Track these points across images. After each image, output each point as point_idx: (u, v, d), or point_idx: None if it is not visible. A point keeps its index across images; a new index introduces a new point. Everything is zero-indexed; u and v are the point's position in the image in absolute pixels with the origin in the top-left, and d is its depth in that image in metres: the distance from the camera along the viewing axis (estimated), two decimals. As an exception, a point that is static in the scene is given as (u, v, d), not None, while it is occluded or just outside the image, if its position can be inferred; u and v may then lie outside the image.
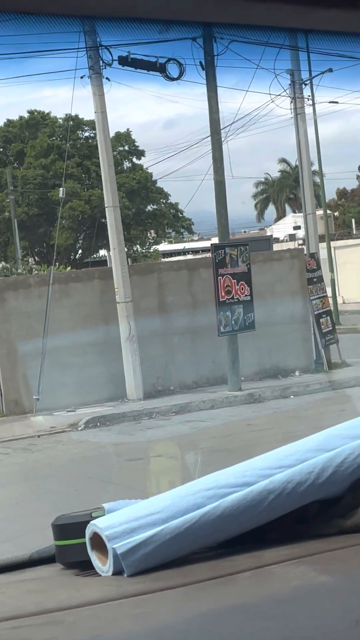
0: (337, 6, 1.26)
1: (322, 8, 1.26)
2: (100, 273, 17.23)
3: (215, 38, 14.67)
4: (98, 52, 15.15)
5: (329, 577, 1.56)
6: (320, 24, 1.36)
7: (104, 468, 11.36)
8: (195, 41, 15.04)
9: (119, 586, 1.59)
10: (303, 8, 1.28)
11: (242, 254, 16.24)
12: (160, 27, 1.33)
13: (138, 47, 15.30)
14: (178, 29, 1.35)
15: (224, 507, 1.75)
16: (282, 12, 1.29)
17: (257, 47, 1.83)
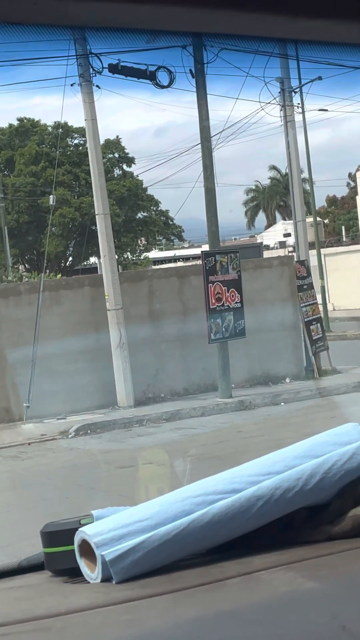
0: (321, 17, 1.27)
1: (305, 19, 1.27)
2: (90, 280, 17.23)
3: (205, 46, 14.72)
4: (88, 60, 15.18)
5: (317, 584, 1.57)
6: (306, 34, 1.37)
7: (95, 476, 11.34)
8: (185, 49, 15.09)
9: (107, 593, 1.59)
10: (288, 18, 1.29)
11: (232, 261, 16.27)
12: (148, 37, 1.34)
13: (128, 54, 15.34)
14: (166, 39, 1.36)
15: (213, 513, 1.75)
16: (268, 22, 1.30)
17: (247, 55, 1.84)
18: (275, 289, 18.09)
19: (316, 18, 1.29)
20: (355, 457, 1.87)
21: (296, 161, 19.28)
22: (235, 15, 1.27)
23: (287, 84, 18.84)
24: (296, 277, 18.12)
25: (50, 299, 16.01)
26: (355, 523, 1.83)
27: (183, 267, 21.89)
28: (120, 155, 37.18)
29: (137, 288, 16.93)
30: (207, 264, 15.85)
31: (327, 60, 14.45)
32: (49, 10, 1.15)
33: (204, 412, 15.18)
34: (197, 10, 1.24)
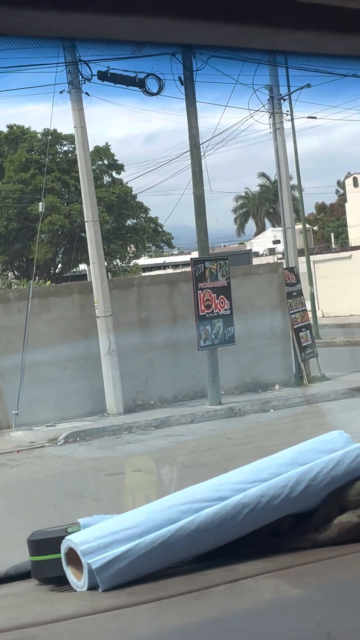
0: (305, 29, 1.29)
1: (290, 30, 1.29)
2: (80, 287, 17.22)
3: (195, 54, 14.74)
4: (77, 67, 15.20)
5: (302, 591, 1.58)
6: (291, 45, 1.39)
7: (84, 483, 11.32)
8: (174, 57, 15.12)
9: (93, 601, 1.59)
10: (273, 30, 1.30)
11: (221, 268, 16.29)
12: (133, 48, 1.35)
13: (118, 62, 15.36)
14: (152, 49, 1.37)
15: (199, 521, 1.76)
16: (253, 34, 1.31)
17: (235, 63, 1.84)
18: (264, 296, 18.12)
19: (301, 30, 1.31)
20: (341, 465, 1.88)
21: (285, 168, 19.34)
22: (221, 26, 1.28)
23: (276, 91, 18.91)
24: (285, 284, 18.16)
25: (39, 306, 15.99)
26: (341, 530, 1.84)
27: (172, 274, 21.91)
28: (109, 162, 37.20)
29: (127, 295, 16.94)
30: (196, 271, 15.87)
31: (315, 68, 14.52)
32: (35, 23, 1.16)
33: (193, 419, 15.18)
34: (182, 22, 1.25)
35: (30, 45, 1.22)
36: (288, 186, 19.81)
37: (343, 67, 1.52)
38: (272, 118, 18.86)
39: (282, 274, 18.42)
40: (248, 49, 1.42)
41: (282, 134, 19.20)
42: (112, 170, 37.41)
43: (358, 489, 1.88)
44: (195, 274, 15.85)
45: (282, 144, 19.11)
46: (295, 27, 1.30)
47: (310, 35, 1.33)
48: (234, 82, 17.99)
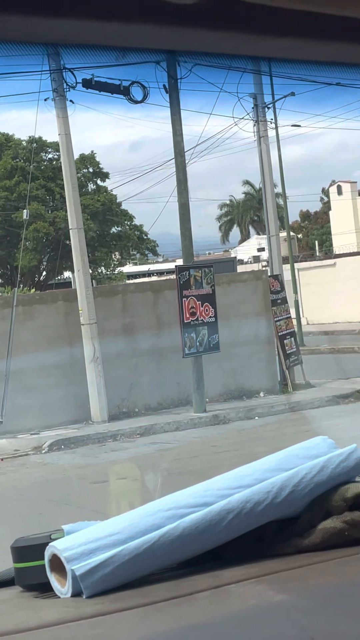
0: (288, 35, 1.29)
1: (273, 37, 1.29)
2: (64, 295, 17.19)
3: (179, 62, 14.79)
4: (62, 75, 15.20)
5: (286, 596, 1.58)
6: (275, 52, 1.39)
7: (68, 491, 11.29)
8: (159, 65, 15.16)
9: (77, 607, 1.59)
10: (257, 37, 1.31)
11: (206, 275, 16.31)
12: (117, 54, 1.36)
13: (102, 69, 15.38)
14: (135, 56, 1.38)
15: (183, 527, 1.76)
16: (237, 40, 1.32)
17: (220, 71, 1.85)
18: (249, 303, 18.15)
19: (284, 36, 1.31)
20: (325, 470, 1.89)
21: (270, 176, 19.40)
22: (205, 33, 1.29)
23: (261, 99, 18.97)
24: (270, 291, 18.19)
25: (23, 313, 15.95)
26: (324, 536, 1.84)
27: (157, 282, 21.91)
28: (94, 170, 37.20)
29: (111, 302, 16.92)
30: (181, 279, 15.88)
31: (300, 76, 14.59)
32: (18, 28, 1.16)
33: (178, 426, 15.17)
34: (166, 28, 1.26)
35: (14, 52, 1.22)
36: (272, 194, 19.86)
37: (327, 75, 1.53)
38: (257, 126, 18.92)
39: (266, 281, 18.46)
40: (232, 55, 1.42)
41: (267, 141, 19.26)
42: (97, 178, 37.41)
43: (342, 495, 1.89)
44: (180, 282, 15.85)
45: (266, 152, 19.17)
46: (279, 34, 1.31)
47: (293, 41, 1.33)
48: (219, 90, 18.06)
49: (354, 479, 1.93)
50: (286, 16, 1.24)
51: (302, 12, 1.24)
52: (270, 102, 19.89)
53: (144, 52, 1.36)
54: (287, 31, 1.29)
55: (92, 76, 15.52)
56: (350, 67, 1.50)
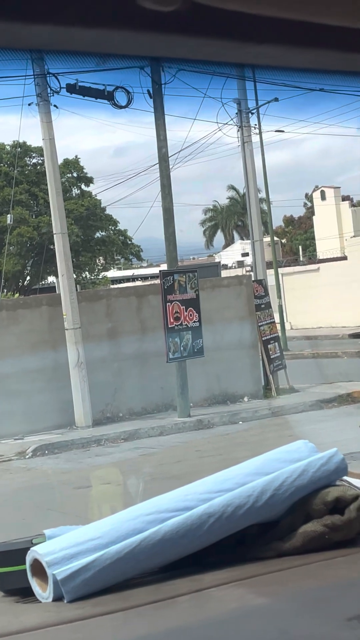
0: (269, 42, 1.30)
1: (255, 44, 1.30)
2: (48, 300, 17.16)
3: (163, 67, 14.81)
4: (45, 80, 15.19)
5: (267, 599, 1.59)
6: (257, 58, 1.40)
7: (52, 496, 11.25)
8: (143, 70, 15.19)
9: (59, 612, 1.59)
10: (239, 44, 1.32)
11: (190, 280, 16.32)
12: (98, 60, 1.36)
13: (87, 74, 15.39)
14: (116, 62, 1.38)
15: (164, 531, 1.76)
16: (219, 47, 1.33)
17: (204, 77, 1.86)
18: (233, 308, 18.17)
19: (265, 43, 1.32)
20: (306, 474, 1.90)
21: (254, 181, 19.44)
22: (187, 40, 1.29)
23: (244, 105, 19.03)
24: (254, 296, 18.22)
25: (7, 318, 15.91)
26: (305, 539, 1.85)
27: (141, 287, 21.92)
28: (78, 175, 37.17)
29: (95, 307, 16.90)
30: (165, 283, 15.88)
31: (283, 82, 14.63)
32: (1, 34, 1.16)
33: (162, 431, 15.16)
34: (148, 35, 1.26)
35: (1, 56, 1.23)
36: (256, 199, 19.91)
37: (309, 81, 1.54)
38: (240, 131, 18.97)
39: (250, 286, 18.48)
40: (214, 62, 1.43)
41: (251, 147, 19.32)
42: (81, 183, 37.38)
43: (322, 498, 1.90)
44: (164, 286, 15.86)
45: (250, 157, 19.22)
46: (259, 41, 1.32)
47: (275, 48, 1.34)
48: (203, 95, 18.11)
49: (334, 482, 1.94)
50: (266, 24, 1.25)
51: (282, 19, 1.25)
52: (254, 108, 19.95)
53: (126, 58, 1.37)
54: (267, 38, 1.30)
55: (76, 81, 15.52)
56: (330, 74, 1.51)
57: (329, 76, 1.51)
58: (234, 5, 1.18)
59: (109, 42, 1.27)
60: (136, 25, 1.21)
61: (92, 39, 1.25)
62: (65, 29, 1.16)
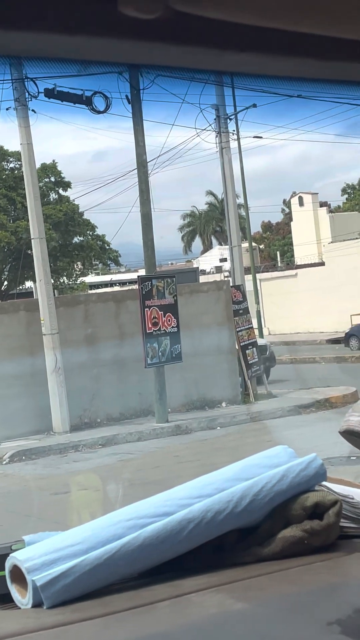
0: (247, 50, 1.31)
1: (233, 52, 1.31)
2: (26, 305, 17.11)
3: (141, 73, 14.83)
4: (23, 84, 15.16)
5: (246, 604, 1.59)
6: (234, 66, 1.41)
7: (30, 502, 11.21)
8: (121, 75, 15.19)
9: (38, 618, 1.59)
10: (217, 51, 1.33)
11: (168, 285, 16.33)
12: (79, 67, 1.36)
13: (65, 79, 15.38)
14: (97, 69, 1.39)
15: (144, 537, 1.76)
16: (198, 55, 1.33)
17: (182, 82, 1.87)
18: (211, 314, 18.20)
19: (244, 51, 1.33)
20: (285, 479, 1.90)
21: (232, 187, 19.50)
22: (166, 47, 1.30)
23: (223, 111, 19.08)
24: (232, 301, 18.26)
25: (-16, 323, 15.84)
26: (284, 544, 1.86)
27: (119, 292, 21.89)
28: (56, 180, 37.10)
29: (73, 312, 16.87)
30: (143, 289, 15.88)
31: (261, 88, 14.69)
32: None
33: (140, 437, 15.15)
34: (128, 42, 1.27)
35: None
36: (235, 205, 19.96)
37: (288, 88, 1.55)
38: (219, 137, 19.03)
39: (228, 291, 18.53)
40: (193, 69, 1.44)
41: (229, 153, 19.37)
42: (59, 188, 37.31)
43: (302, 504, 1.90)
44: (142, 292, 15.86)
45: (228, 163, 19.27)
46: (241, 49, 1.33)
47: (255, 56, 1.35)
48: (181, 101, 18.15)
49: (313, 487, 1.95)
50: (247, 32, 1.26)
51: (262, 28, 1.26)
52: (232, 114, 20.01)
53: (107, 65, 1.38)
54: (247, 46, 1.31)
55: (54, 86, 15.51)
56: (309, 82, 1.53)
57: (308, 84, 1.52)
58: (215, 14, 1.19)
59: (90, 49, 1.28)
60: (118, 33, 1.22)
61: (72, 46, 1.25)
62: (46, 35, 1.17)
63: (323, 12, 1.21)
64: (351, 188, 56.62)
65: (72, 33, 1.20)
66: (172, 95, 16.95)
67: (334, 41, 1.30)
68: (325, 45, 1.33)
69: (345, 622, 1.48)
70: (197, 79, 1.94)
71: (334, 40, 1.30)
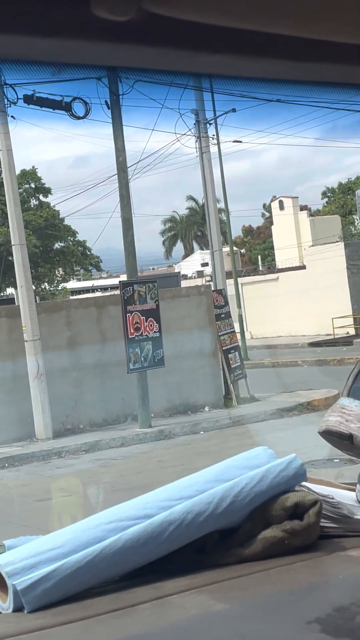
0: (222, 52, 1.32)
1: (207, 54, 1.31)
2: (7, 311, 17.05)
3: (120, 78, 14.84)
4: (2, 91, 15.13)
5: (227, 605, 1.59)
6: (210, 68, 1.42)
7: (12, 509, 11.16)
8: (100, 81, 15.20)
9: (19, 622, 1.58)
10: (191, 53, 1.33)
11: (150, 290, 16.33)
12: (53, 70, 1.36)
13: (45, 85, 15.35)
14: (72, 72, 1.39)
15: (125, 539, 1.76)
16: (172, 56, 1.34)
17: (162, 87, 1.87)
18: (193, 318, 18.21)
19: (218, 53, 1.33)
20: (265, 480, 1.91)
21: (212, 192, 19.53)
22: (141, 49, 1.30)
23: (202, 115, 19.12)
24: (214, 306, 18.28)
25: (-34, 330, 15.77)
26: (265, 545, 1.86)
27: (101, 297, 21.87)
28: (36, 186, 37.05)
29: (55, 319, 16.83)
30: (125, 294, 15.87)
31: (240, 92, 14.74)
32: None
33: (123, 442, 15.13)
34: (103, 45, 1.27)
35: None
36: (215, 209, 20.00)
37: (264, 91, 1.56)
38: (199, 142, 19.06)
39: (210, 296, 18.55)
40: (170, 71, 1.44)
41: (209, 157, 19.40)
42: (39, 194, 37.26)
43: (282, 504, 1.91)
44: (124, 297, 15.85)
45: (208, 168, 19.30)
46: (213, 51, 1.33)
47: (229, 58, 1.36)
48: (161, 106, 18.17)
49: (293, 488, 1.95)
50: (219, 33, 1.27)
51: (235, 29, 1.26)
52: (211, 118, 20.05)
53: (82, 68, 1.38)
54: (221, 48, 1.32)
55: (33, 92, 15.49)
56: (284, 84, 1.53)
57: (283, 86, 1.52)
58: (188, 15, 1.20)
59: (64, 52, 1.28)
60: (92, 35, 1.22)
61: (47, 48, 1.25)
62: (20, 38, 1.17)
63: (294, 14, 1.22)
64: (331, 191, 56.85)
65: (45, 35, 1.20)
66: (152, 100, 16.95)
67: (305, 42, 1.31)
68: (298, 46, 1.33)
69: (326, 620, 1.48)
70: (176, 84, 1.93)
71: (305, 41, 1.31)
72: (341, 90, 1.55)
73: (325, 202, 56.85)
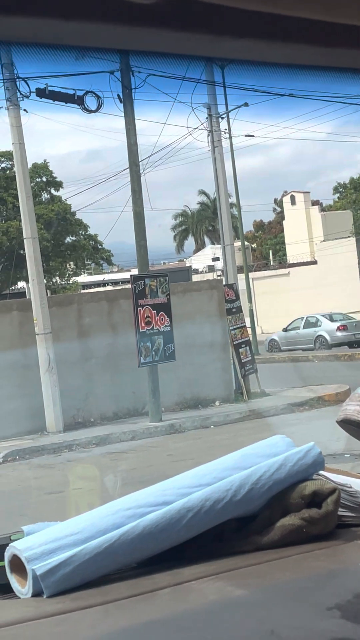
0: (244, 36, 1.31)
1: (230, 37, 1.31)
2: (19, 305, 17.08)
3: (133, 71, 14.82)
4: (15, 84, 15.14)
5: (245, 591, 1.59)
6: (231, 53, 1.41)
7: (24, 502, 11.18)
8: (113, 74, 15.18)
9: (38, 607, 1.59)
10: (213, 37, 1.32)
11: (161, 284, 16.33)
12: (77, 54, 1.36)
13: (57, 79, 15.36)
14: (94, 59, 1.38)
15: (143, 526, 1.76)
16: (193, 41, 1.33)
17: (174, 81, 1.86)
18: (204, 313, 18.20)
19: (240, 38, 1.33)
20: (283, 468, 1.91)
21: (224, 186, 19.50)
22: (161, 33, 1.30)
23: (214, 109, 19.09)
24: (225, 300, 18.27)
25: (-23, 323, 15.81)
26: (283, 533, 1.86)
27: (112, 291, 21.88)
28: (48, 179, 37.06)
29: (66, 312, 16.85)
30: (136, 288, 15.87)
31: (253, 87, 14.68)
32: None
33: (134, 436, 15.14)
34: (123, 27, 1.26)
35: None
36: (227, 204, 19.96)
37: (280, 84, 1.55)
38: (211, 136, 19.03)
39: (221, 290, 18.53)
40: (189, 55, 1.43)
41: (221, 152, 19.37)
42: (51, 187, 37.27)
43: (300, 492, 1.91)
44: (135, 291, 15.85)
45: (220, 162, 19.27)
46: (236, 35, 1.32)
47: (250, 43, 1.35)
48: (173, 100, 18.15)
49: (311, 476, 1.95)
50: (243, 17, 1.26)
51: (258, 12, 1.26)
52: (223, 113, 20.02)
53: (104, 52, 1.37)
54: (244, 32, 1.31)
55: (45, 85, 15.49)
56: (306, 70, 1.52)
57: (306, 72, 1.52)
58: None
59: (86, 35, 1.27)
60: (115, 18, 1.22)
61: (69, 31, 1.25)
62: (40, 20, 1.16)
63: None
64: (343, 187, 56.69)
65: (67, 18, 1.20)
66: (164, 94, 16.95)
67: (331, 26, 1.31)
68: (323, 31, 1.33)
69: (345, 607, 1.48)
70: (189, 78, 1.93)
71: (330, 25, 1.30)
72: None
73: (337, 198, 56.70)
